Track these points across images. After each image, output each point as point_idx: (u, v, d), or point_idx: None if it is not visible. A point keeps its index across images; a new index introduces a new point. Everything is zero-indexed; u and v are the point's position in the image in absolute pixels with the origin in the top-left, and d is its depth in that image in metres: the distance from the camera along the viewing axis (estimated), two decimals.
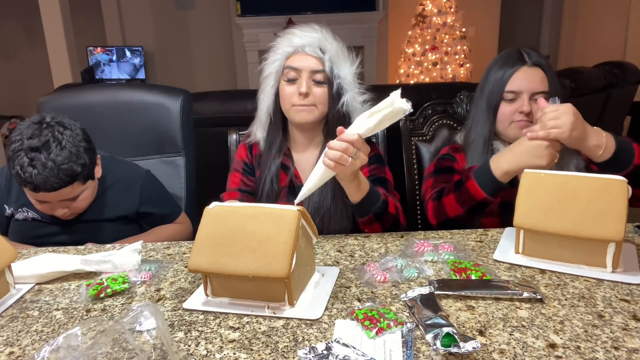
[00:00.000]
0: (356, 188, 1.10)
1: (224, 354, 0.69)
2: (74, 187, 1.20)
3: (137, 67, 6.17)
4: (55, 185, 1.16)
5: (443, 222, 1.25)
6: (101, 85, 2.41)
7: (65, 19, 4.46)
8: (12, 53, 6.34)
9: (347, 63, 1.24)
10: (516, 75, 1.23)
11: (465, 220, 1.22)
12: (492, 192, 1.14)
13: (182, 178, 1.61)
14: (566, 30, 6.03)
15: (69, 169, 1.16)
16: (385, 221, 1.17)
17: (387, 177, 1.29)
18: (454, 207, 1.20)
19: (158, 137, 1.60)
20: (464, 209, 1.18)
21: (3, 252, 0.87)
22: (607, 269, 0.88)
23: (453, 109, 1.59)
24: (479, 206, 1.17)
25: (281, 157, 1.29)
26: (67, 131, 1.19)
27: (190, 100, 1.61)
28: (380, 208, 1.14)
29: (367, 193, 1.12)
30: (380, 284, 0.87)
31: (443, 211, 1.23)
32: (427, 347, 0.68)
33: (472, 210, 1.18)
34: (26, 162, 1.13)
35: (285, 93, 1.24)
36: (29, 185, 1.15)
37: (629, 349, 0.66)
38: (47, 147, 1.15)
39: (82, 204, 1.27)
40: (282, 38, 1.26)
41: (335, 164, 0.99)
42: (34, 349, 0.72)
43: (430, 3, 5.24)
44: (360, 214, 1.16)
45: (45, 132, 1.16)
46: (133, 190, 1.38)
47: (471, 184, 1.16)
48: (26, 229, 1.32)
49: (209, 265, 0.79)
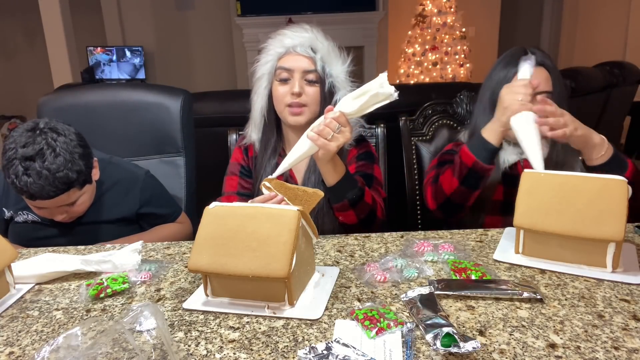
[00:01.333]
0: (332, 170, 1.11)
1: (224, 354, 0.69)
2: (70, 194, 1.19)
3: (137, 67, 6.17)
4: (52, 194, 1.15)
5: (443, 204, 1.25)
6: (101, 85, 2.40)
7: (65, 19, 4.46)
8: (12, 53, 6.34)
9: (338, 62, 1.25)
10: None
11: (463, 198, 1.21)
12: (483, 155, 1.16)
13: (182, 178, 1.60)
14: (566, 30, 6.03)
15: (64, 177, 1.15)
16: (360, 210, 1.17)
17: (375, 174, 1.30)
18: (450, 181, 1.21)
19: (158, 137, 1.60)
20: (459, 180, 1.19)
21: (3, 252, 0.87)
22: (607, 269, 0.88)
23: (453, 109, 1.59)
24: (472, 175, 1.18)
25: (276, 157, 1.30)
26: (60, 137, 1.17)
27: (190, 100, 1.61)
28: (355, 194, 1.15)
29: (343, 177, 1.13)
30: (380, 284, 0.87)
31: (440, 190, 1.24)
32: (427, 347, 0.68)
33: (467, 182, 1.19)
34: (21, 171, 1.12)
35: (278, 94, 1.24)
36: (25, 194, 1.15)
37: (629, 349, 0.66)
38: (42, 155, 1.13)
39: (81, 208, 1.27)
40: (273, 39, 1.27)
41: (318, 136, 1.02)
42: (34, 349, 0.72)
43: (430, 3, 5.24)
44: (335, 199, 1.16)
45: (38, 140, 1.14)
46: (133, 192, 1.38)
47: (463, 150, 1.19)
48: (26, 231, 1.32)
49: (209, 265, 0.79)
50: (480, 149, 1.17)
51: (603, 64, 3.04)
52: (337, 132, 1.03)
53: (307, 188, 1.05)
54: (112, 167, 1.37)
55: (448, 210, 1.27)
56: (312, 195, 1.05)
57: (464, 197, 1.22)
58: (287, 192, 1.06)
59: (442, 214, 1.30)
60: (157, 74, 6.46)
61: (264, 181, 1.07)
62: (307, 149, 1.05)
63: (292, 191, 1.05)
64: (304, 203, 1.04)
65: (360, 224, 1.20)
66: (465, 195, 1.22)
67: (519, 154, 1.27)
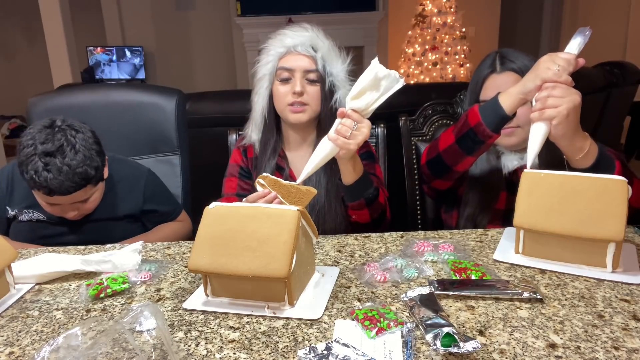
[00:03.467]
0: (352, 169, 1.12)
1: (224, 354, 0.69)
2: (86, 190, 1.22)
3: (137, 67, 6.17)
4: (70, 189, 1.17)
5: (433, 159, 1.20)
6: (95, 86, 2.41)
7: (65, 19, 4.46)
8: (12, 53, 6.34)
9: (338, 61, 1.25)
10: (486, 85, 1.22)
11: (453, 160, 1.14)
12: (490, 118, 1.06)
13: (179, 177, 1.62)
14: (566, 30, 6.02)
15: (84, 173, 1.18)
16: (374, 209, 1.18)
17: (377, 173, 1.30)
18: (447, 136, 1.15)
19: (154, 137, 1.61)
20: (455, 137, 1.12)
21: (3, 252, 0.87)
22: (607, 269, 0.88)
23: (453, 109, 1.59)
24: (471, 137, 1.09)
25: (276, 157, 1.30)
26: (79, 134, 1.20)
27: (184, 99, 1.63)
28: (372, 194, 1.16)
29: (362, 176, 1.14)
30: (380, 284, 0.87)
31: (435, 145, 1.19)
32: (427, 347, 0.68)
33: (464, 142, 1.11)
34: (41, 167, 1.14)
35: (279, 93, 1.25)
36: (43, 189, 1.16)
37: (629, 349, 0.66)
38: (62, 152, 1.16)
39: (92, 205, 1.29)
40: (273, 39, 1.27)
41: (337, 136, 1.03)
42: (34, 349, 0.72)
43: (430, 3, 5.24)
44: (351, 198, 1.17)
45: (58, 136, 1.17)
46: (137, 189, 1.40)
47: (472, 109, 1.10)
48: (31, 230, 1.32)
49: (209, 265, 0.79)
50: (489, 111, 1.06)
51: (603, 64, 3.04)
52: (354, 130, 1.03)
53: (300, 185, 1.06)
54: (117, 165, 1.39)
55: (435, 168, 1.21)
56: (306, 193, 1.05)
57: (455, 159, 1.15)
58: (281, 189, 1.06)
59: (429, 170, 1.24)
60: (157, 74, 6.46)
61: (259, 178, 1.08)
62: (329, 150, 1.05)
63: (286, 188, 1.06)
64: (297, 200, 1.05)
65: (372, 224, 1.21)
66: (456, 157, 1.15)
67: (519, 159, 1.24)
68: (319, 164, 1.06)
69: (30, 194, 1.28)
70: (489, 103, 1.08)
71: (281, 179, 1.07)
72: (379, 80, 1.00)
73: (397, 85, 1.01)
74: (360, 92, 1.01)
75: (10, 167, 1.36)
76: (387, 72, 0.99)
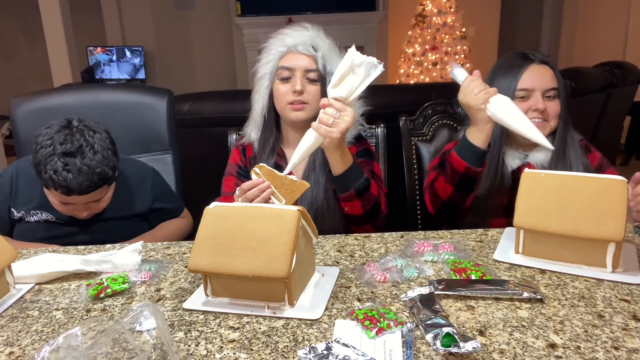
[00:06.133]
0: (340, 159, 1.13)
1: (224, 354, 0.69)
2: (102, 190, 1.23)
3: (137, 67, 6.18)
4: (89, 189, 1.19)
5: (440, 208, 1.26)
6: (86, 86, 2.40)
7: (65, 19, 4.47)
8: (12, 53, 6.34)
9: (338, 60, 1.25)
10: (527, 74, 1.22)
11: (460, 202, 1.22)
12: (473, 160, 1.15)
13: (172, 175, 1.63)
14: (566, 30, 6.03)
15: (102, 173, 1.19)
16: (366, 201, 1.18)
17: (375, 170, 1.30)
18: (444, 187, 1.22)
19: (146, 136, 1.62)
20: (452, 186, 1.20)
21: (3, 252, 0.87)
22: (607, 269, 0.88)
23: (453, 109, 1.59)
24: (465, 180, 1.18)
25: (275, 157, 1.30)
26: (97, 135, 1.22)
27: (173, 99, 1.66)
28: (362, 184, 1.16)
29: (350, 167, 1.15)
30: (380, 284, 0.87)
31: (437, 195, 1.25)
32: (427, 347, 0.68)
33: (461, 186, 1.19)
34: (60, 167, 1.15)
35: (279, 92, 1.25)
36: (61, 189, 1.17)
37: (629, 349, 0.66)
38: (82, 152, 1.17)
39: (103, 205, 1.30)
40: (274, 38, 1.28)
41: (319, 125, 1.05)
42: (34, 349, 0.72)
43: (430, 3, 5.25)
44: (341, 189, 1.17)
45: (77, 137, 1.19)
46: (144, 188, 1.41)
47: (452, 156, 1.18)
48: (38, 230, 1.32)
49: (209, 265, 0.79)
50: (468, 153, 1.16)
51: (603, 64, 3.04)
52: (336, 118, 1.04)
53: (294, 178, 1.07)
54: (124, 164, 1.39)
55: (447, 214, 1.28)
56: (299, 185, 1.06)
57: (461, 200, 1.22)
58: (275, 180, 1.08)
59: (443, 218, 1.31)
60: (157, 74, 6.47)
61: (255, 167, 1.09)
62: (313, 140, 1.07)
63: (280, 179, 1.07)
64: (290, 192, 1.07)
65: (365, 216, 1.20)
66: (460, 199, 1.22)
67: (522, 158, 1.27)
68: (304, 154, 1.09)
69: (36, 194, 1.28)
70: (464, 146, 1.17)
71: (276, 171, 1.08)
72: (355, 67, 1.02)
73: (376, 70, 1.03)
74: (339, 80, 1.03)
75: (12, 168, 1.36)
76: (363, 58, 1.01)
